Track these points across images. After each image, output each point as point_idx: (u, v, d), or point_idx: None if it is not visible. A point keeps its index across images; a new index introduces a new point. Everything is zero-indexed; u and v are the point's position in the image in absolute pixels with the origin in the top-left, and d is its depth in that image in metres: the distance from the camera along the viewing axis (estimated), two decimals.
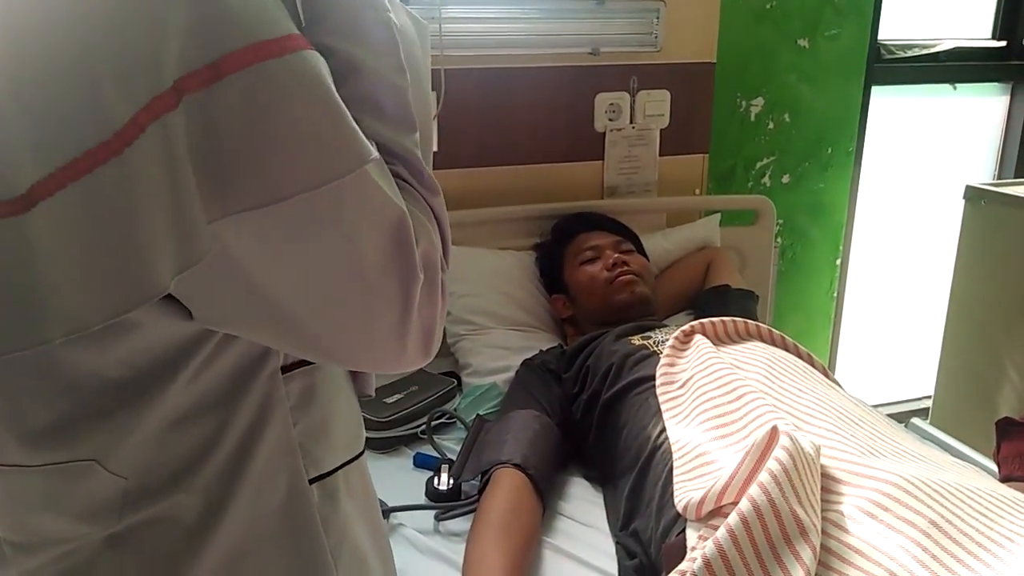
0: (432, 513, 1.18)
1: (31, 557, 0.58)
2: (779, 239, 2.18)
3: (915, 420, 1.58)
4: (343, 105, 0.51)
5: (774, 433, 0.87)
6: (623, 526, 1.10)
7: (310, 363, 0.63)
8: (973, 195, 1.99)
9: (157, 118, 0.45)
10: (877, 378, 2.55)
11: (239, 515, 0.59)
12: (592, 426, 1.27)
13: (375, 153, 0.53)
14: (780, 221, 2.13)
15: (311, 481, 0.63)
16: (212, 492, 0.58)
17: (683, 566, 0.79)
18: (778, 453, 0.84)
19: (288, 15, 0.51)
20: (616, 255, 1.54)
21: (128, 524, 0.57)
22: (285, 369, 0.61)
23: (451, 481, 1.22)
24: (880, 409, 2.47)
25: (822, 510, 0.84)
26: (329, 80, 0.51)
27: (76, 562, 0.57)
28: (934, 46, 2.29)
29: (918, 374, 2.49)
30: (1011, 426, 1.21)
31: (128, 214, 0.46)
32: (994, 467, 1.31)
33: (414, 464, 1.33)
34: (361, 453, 0.71)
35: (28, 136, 0.45)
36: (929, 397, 2.23)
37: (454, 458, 1.26)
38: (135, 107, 0.45)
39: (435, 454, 1.32)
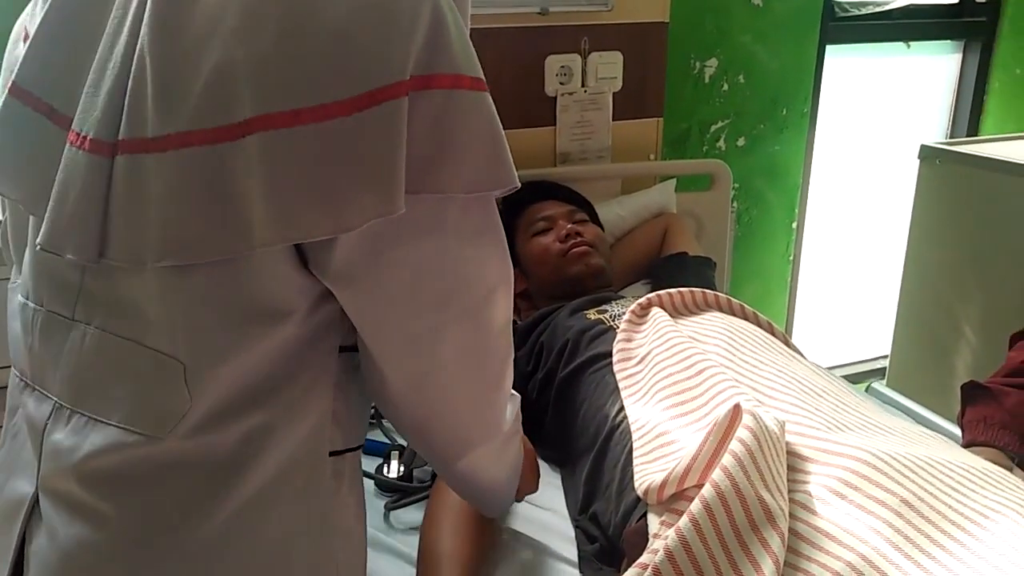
0: (381, 503, 1.12)
1: (86, 431, 0.63)
2: (735, 203, 2.15)
3: (875, 385, 1.56)
4: (504, 138, 0.62)
5: (736, 411, 0.82)
6: (582, 509, 1.05)
7: (355, 350, 0.69)
8: (928, 154, 1.97)
9: (395, 98, 0.55)
10: (834, 340, 2.55)
11: (268, 468, 0.63)
12: (549, 405, 1.22)
13: (518, 183, 0.64)
14: (736, 185, 2.09)
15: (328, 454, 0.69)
16: (252, 441, 0.63)
17: (645, 559, 0.74)
18: (741, 433, 0.79)
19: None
20: (569, 225, 1.48)
21: (172, 448, 0.61)
22: (340, 349, 0.68)
23: (402, 468, 1.16)
24: (837, 370, 2.49)
25: (789, 491, 0.80)
26: (497, 119, 0.62)
27: (122, 461, 0.62)
28: (888, 3, 2.26)
29: (874, 335, 2.49)
30: (976, 390, 1.19)
31: (343, 161, 0.56)
32: (953, 429, 1.30)
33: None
34: (361, 446, 0.75)
35: (256, 77, 0.54)
36: (885, 357, 2.23)
37: (405, 443, 1.20)
38: (375, 84, 0.55)
39: (384, 439, 1.26)
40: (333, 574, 0.71)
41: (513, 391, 0.87)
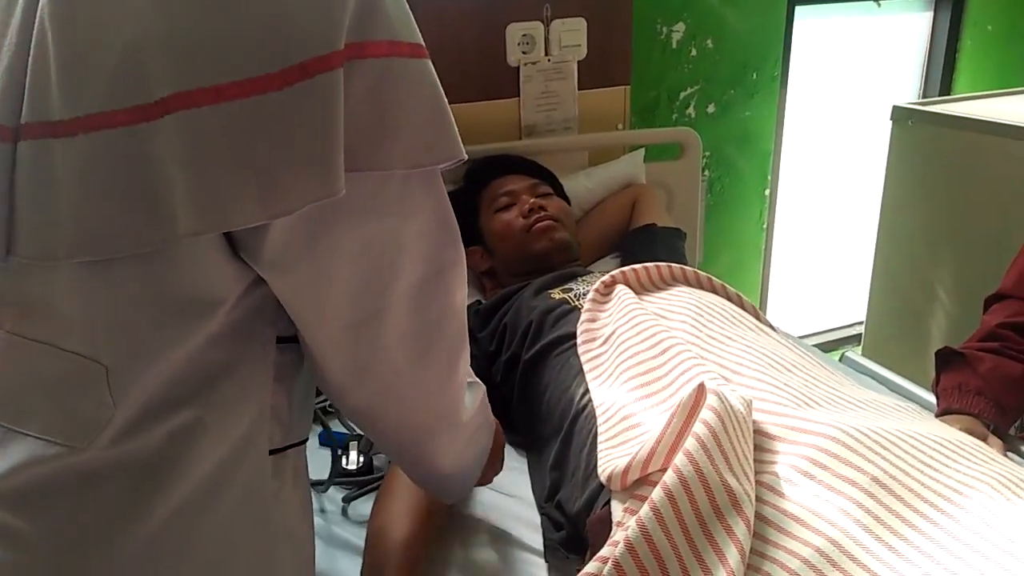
0: (339, 496, 1.07)
1: (3, 443, 0.58)
2: (706, 172, 2.10)
3: (849, 354, 1.53)
4: (448, 108, 0.59)
5: (701, 391, 0.78)
6: (549, 496, 1.01)
7: (297, 341, 0.65)
8: (900, 116, 1.93)
9: (329, 70, 0.51)
10: (809, 307, 2.53)
11: (201, 469, 0.59)
12: (514, 389, 1.17)
13: (464, 155, 0.60)
14: (707, 153, 2.05)
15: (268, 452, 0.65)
16: (181, 440, 0.58)
17: (605, 551, 0.70)
18: (705, 415, 0.75)
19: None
20: (532, 200, 1.43)
21: (96, 457, 0.57)
22: (278, 340, 0.64)
23: (361, 458, 1.11)
24: (812, 338, 2.47)
25: (756, 472, 0.76)
26: (440, 88, 0.59)
27: (41, 476, 0.57)
28: None
29: (850, 301, 2.47)
30: (951, 356, 1.16)
31: (275, 140, 0.51)
32: (930, 397, 1.27)
33: (319, 442, 1.21)
34: (304, 441, 0.71)
35: (174, 50, 0.49)
36: (861, 323, 2.21)
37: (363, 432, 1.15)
38: (307, 55, 0.51)
39: (342, 430, 1.21)
40: None
41: (477, 379, 0.82)
